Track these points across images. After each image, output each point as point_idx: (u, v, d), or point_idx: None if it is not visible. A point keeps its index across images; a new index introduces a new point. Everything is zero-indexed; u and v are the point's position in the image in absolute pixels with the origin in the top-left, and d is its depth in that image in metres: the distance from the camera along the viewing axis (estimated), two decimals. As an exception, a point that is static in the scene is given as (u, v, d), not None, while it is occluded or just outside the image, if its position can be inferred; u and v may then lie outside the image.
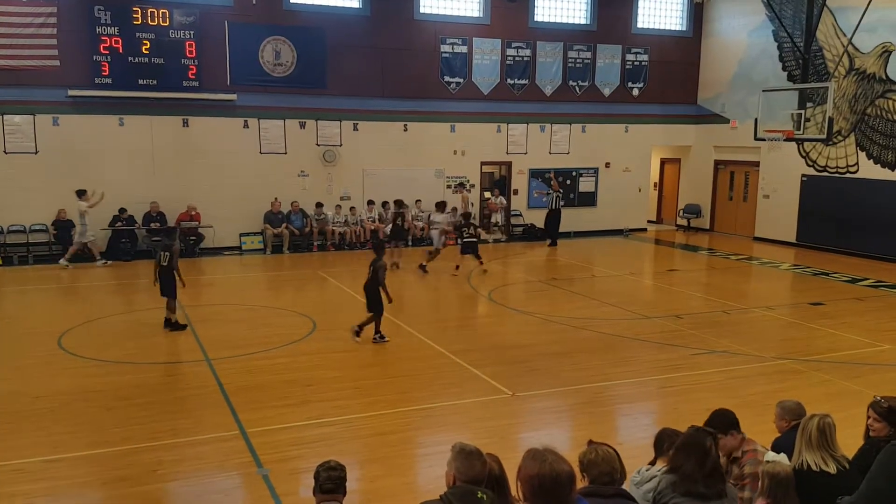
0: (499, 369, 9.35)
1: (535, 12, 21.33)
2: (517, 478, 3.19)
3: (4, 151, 16.58)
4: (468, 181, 20.96)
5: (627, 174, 23.18)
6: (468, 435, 6.90)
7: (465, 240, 16.00)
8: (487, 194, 21.76)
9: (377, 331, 10.61)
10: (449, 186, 20.55)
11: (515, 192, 21.93)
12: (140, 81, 17.25)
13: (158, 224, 17.48)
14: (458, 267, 15.69)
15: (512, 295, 14.66)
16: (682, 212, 24.39)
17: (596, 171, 22.83)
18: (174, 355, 10.02)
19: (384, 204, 19.44)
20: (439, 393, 8.68)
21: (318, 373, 9.29)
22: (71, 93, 16.72)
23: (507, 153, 21.63)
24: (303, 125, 19.12)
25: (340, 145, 19.54)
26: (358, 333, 10.53)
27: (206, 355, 9.87)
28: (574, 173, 22.50)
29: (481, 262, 16.15)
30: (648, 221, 24.49)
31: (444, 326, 11.99)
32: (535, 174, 21.96)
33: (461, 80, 20.62)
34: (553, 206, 20.67)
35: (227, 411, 7.87)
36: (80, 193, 16.34)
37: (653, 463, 4.43)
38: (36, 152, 16.83)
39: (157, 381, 8.90)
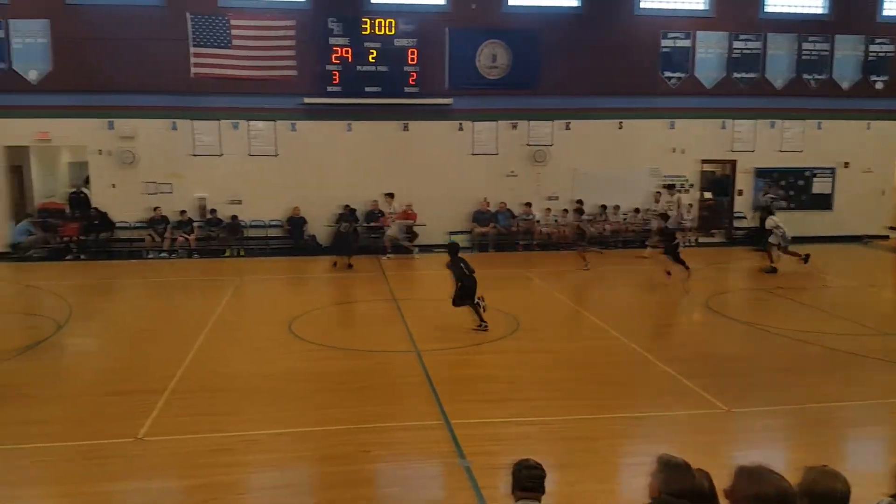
0: (713, 382, 8.77)
1: (766, 2, 19.87)
2: (728, 497, 2.93)
3: (249, 154, 18.50)
4: (685, 181, 19.96)
5: (868, 175, 20.80)
6: (676, 448, 6.50)
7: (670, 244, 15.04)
8: (707, 194, 20.59)
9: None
10: (669, 186, 19.61)
11: (740, 192, 20.53)
12: (366, 89, 18.41)
13: (376, 222, 18.60)
14: (669, 273, 14.97)
15: (731, 303, 13.72)
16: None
17: (832, 171, 20.73)
18: (387, 344, 10.54)
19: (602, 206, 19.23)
20: (646, 402, 8.32)
21: (521, 371, 9.29)
22: (306, 101, 18.25)
23: (732, 151, 20.32)
24: (514, 126, 19.33)
25: (551, 145, 19.50)
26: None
27: (416, 346, 10.27)
28: (807, 173, 20.61)
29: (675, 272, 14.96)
30: (889, 227, 21.73)
31: (656, 333, 11.51)
32: (762, 174, 20.41)
33: (682, 75, 19.72)
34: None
35: (432, 401, 8.12)
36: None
37: (894, 496, 3.88)
38: (276, 155, 18.59)
39: (370, 368, 9.41)
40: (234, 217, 18.39)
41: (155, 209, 17.97)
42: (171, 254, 17.89)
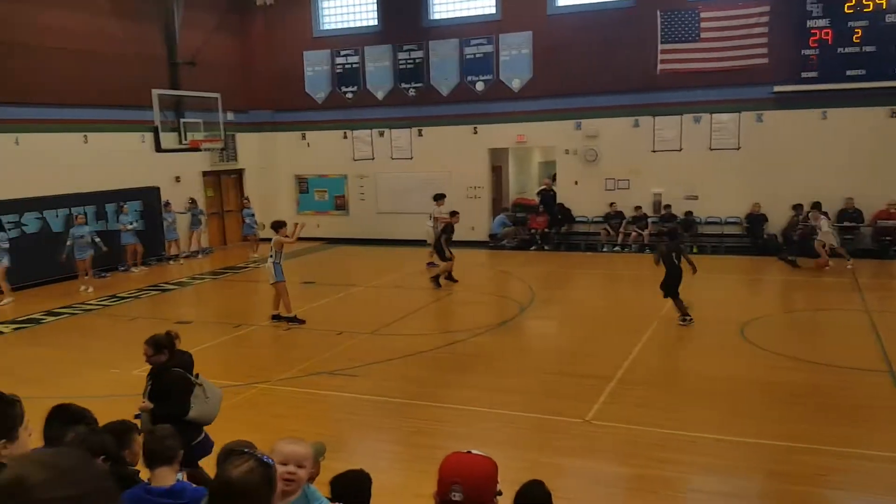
0: None
1: None
2: None
3: (710, 148, 18.06)
4: None
5: None
6: None
7: None
8: None
9: None
10: None
11: None
12: (847, 72, 16.44)
13: (853, 221, 16.48)
14: None
15: None
16: None
17: None
18: (855, 361, 9.30)
19: None
20: None
21: None
22: (776, 89, 17.07)
23: None
24: None
25: None
26: None
27: (892, 367, 8.86)
28: None
29: None
30: None
31: None
32: None
33: None
34: None
35: (908, 434, 6.94)
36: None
37: None
38: (737, 148, 17.82)
39: (833, 385, 8.43)
40: (689, 213, 18.20)
41: (611, 205, 18.78)
42: (623, 248, 18.53)
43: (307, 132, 22.22)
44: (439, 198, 17.23)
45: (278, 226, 12.22)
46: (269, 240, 12.49)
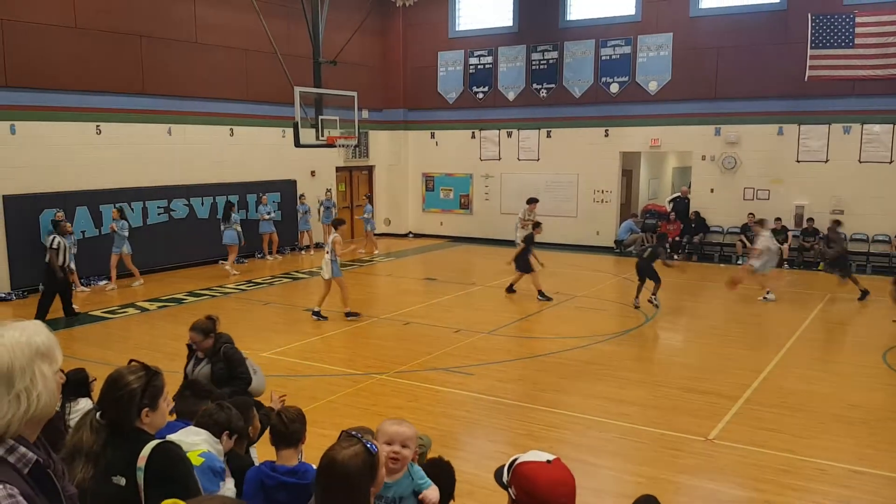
0: None
1: None
2: None
3: (859, 160, 16.83)
4: None
5: None
6: None
7: None
8: None
9: None
10: None
11: None
12: None
13: None
14: None
15: None
16: None
17: None
18: None
19: None
20: None
21: None
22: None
23: None
24: None
25: None
26: None
27: None
28: None
29: None
30: None
31: None
32: None
33: None
34: None
35: None
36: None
37: None
38: (890, 162, 16.52)
39: None
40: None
41: (749, 215, 17.87)
42: (761, 261, 17.57)
43: (436, 131, 22.58)
44: (532, 201, 17.18)
45: (338, 223, 12.63)
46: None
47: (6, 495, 1.76)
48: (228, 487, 3.48)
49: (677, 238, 18.78)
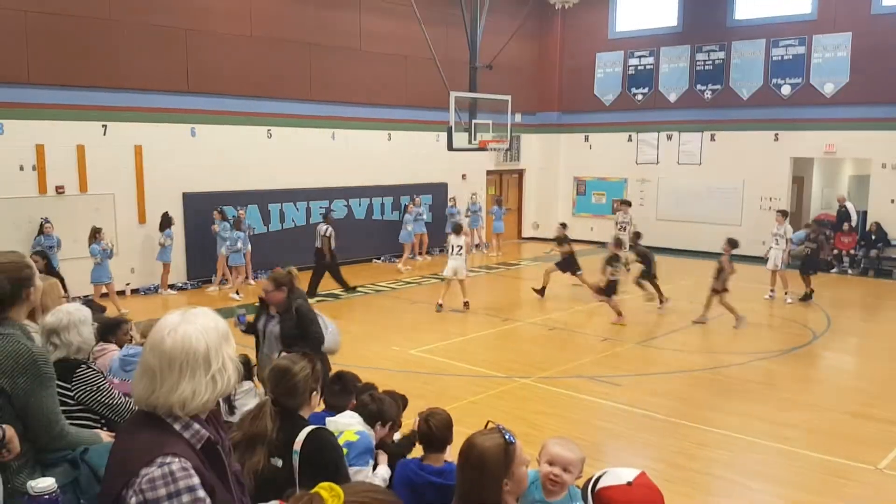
0: None
1: None
2: None
3: None
4: None
5: None
6: None
7: None
8: None
9: None
10: None
11: None
12: None
13: None
14: None
15: None
16: None
17: None
18: None
19: None
20: None
21: None
22: None
23: None
24: None
25: None
26: None
27: None
28: None
29: None
30: None
31: None
32: None
33: None
34: None
35: None
36: None
37: None
38: None
39: None
40: None
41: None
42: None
43: (590, 134, 22.18)
44: (626, 204, 16.89)
45: (461, 228, 13.60)
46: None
47: (181, 468, 1.90)
48: (381, 475, 3.62)
49: (852, 251, 17.31)
